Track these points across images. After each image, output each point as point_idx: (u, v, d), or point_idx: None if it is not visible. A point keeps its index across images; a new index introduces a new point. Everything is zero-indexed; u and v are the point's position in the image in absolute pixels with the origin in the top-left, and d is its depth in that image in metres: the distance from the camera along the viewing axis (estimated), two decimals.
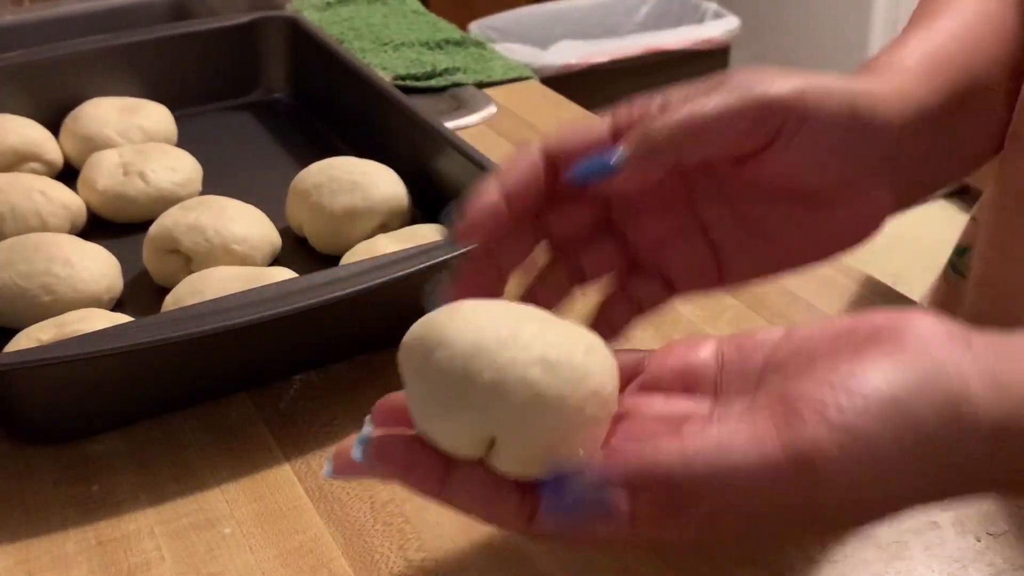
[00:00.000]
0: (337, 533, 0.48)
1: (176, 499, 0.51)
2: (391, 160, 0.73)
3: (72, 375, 0.52)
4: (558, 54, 2.11)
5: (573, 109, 0.91)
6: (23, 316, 0.60)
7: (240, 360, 0.57)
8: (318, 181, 0.69)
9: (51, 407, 0.54)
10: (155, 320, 0.55)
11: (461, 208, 0.43)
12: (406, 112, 0.74)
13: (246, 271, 0.61)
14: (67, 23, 0.97)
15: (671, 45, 2.18)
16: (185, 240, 0.65)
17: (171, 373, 0.55)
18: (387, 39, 1.03)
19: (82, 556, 0.48)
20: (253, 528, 0.49)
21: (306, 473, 0.52)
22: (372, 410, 0.40)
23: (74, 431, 0.54)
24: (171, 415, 0.56)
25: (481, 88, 0.94)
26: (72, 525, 0.49)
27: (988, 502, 0.49)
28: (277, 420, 0.56)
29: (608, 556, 0.47)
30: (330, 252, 0.68)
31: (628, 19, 2.46)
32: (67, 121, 0.80)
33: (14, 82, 0.81)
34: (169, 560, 0.47)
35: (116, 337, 0.52)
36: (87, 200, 0.73)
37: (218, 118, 0.88)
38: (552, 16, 2.41)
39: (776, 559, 0.46)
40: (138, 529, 0.49)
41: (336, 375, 0.59)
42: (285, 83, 0.91)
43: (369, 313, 0.59)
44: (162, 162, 0.74)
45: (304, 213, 0.69)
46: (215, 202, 0.68)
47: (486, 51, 1.02)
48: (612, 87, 2.13)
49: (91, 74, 0.84)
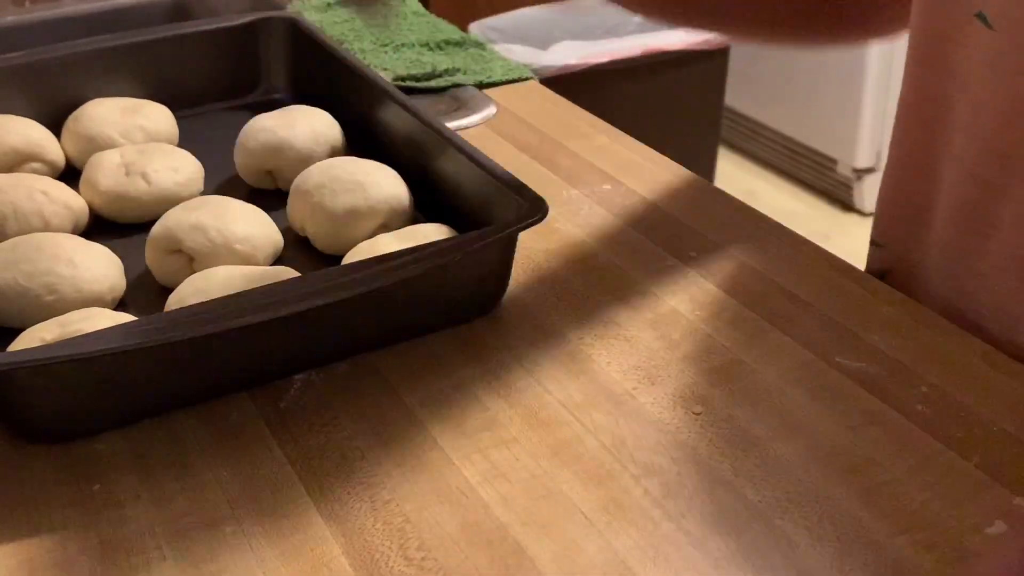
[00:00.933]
0: (337, 532, 0.49)
1: (177, 498, 0.51)
2: (392, 160, 0.73)
3: (75, 375, 0.53)
4: (558, 55, 2.11)
5: (572, 109, 0.92)
6: (26, 316, 0.60)
7: (241, 359, 0.57)
8: (320, 181, 0.69)
9: (53, 406, 0.54)
10: (158, 320, 0.55)
11: None
12: (407, 112, 0.75)
13: (248, 271, 0.61)
14: (68, 24, 0.97)
15: (671, 46, 2.18)
16: (188, 240, 0.65)
17: (173, 373, 0.56)
18: (387, 40, 1.03)
19: (83, 556, 0.48)
20: (254, 527, 0.49)
21: (306, 472, 0.52)
22: None
23: (76, 431, 0.55)
24: (172, 415, 0.56)
25: (481, 89, 0.95)
26: (73, 524, 0.49)
27: (986, 499, 0.49)
28: (278, 419, 0.56)
29: (607, 556, 0.47)
30: (332, 252, 0.69)
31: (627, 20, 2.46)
32: (69, 121, 0.81)
33: (16, 83, 0.81)
34: (170, 559, 0.47)
35: (119, 337, 0.52)
36: (89, 200, 0.73)
37: (219, 118, 0.88)
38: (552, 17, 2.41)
39: (773, 559, 0.47)
40: (139, 529, 0.49)
41: (336, 375, 0.59)
42: (286, 84, 0.91)
43: (370, 312, 0.59)
44: (164, 162, 0.74)
45: (306, 213, 0.69)
46: (217, 202, 0.69)
47: (486, 52, 1.02)
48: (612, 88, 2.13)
49: (92, 75, 0.84)
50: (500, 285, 0.64)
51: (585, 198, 0.77)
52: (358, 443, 0.54)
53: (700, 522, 0.49)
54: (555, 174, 0.80)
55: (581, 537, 0.48)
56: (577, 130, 0.87)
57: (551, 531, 0.49)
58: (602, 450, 0.53)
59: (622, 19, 2.45)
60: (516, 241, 0.63)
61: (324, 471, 0.52)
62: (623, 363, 0.59)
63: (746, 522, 0.49)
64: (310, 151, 0.76)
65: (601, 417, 0.55)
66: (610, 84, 2.12)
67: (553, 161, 0.82)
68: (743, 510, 0.49)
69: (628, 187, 0.78)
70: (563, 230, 0.73)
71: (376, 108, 0.79)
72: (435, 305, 0.62)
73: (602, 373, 0.59)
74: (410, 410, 0.56)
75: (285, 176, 0.76)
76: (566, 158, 0.82)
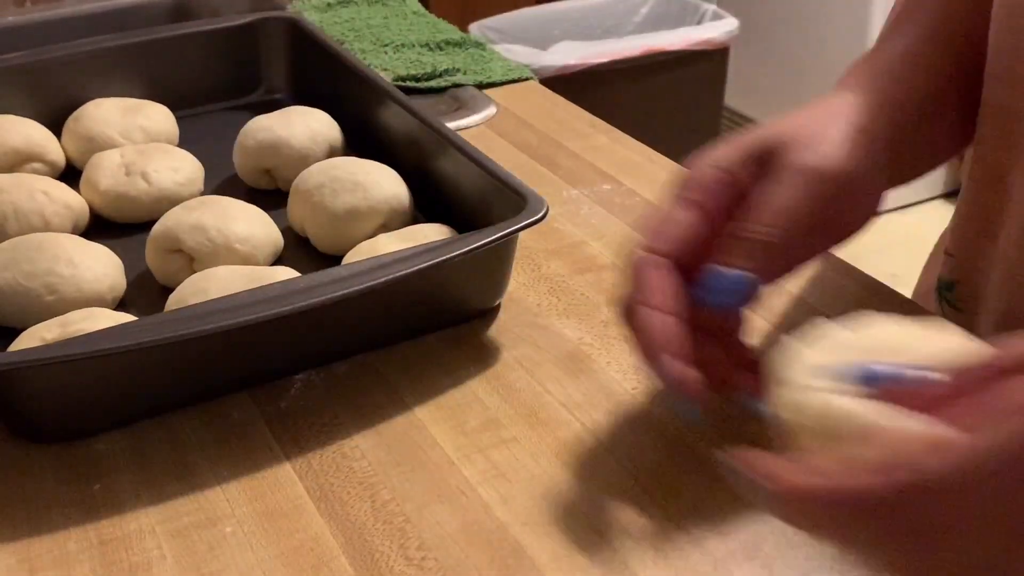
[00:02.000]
0: (337, 532, 0.49)
1: (177, 498, 0.51)
2: (392, 160, 0.73)
3: (75, 374, 0.53)
4: (557, 55, 2.11)
5: (572, 110, 0.92)
6: (27, 316, 0.60)
7: (242, 359, 0.57)
8: (320, 181, 0.69)
9: (54, 406, 0.54)
10: (158, 319, 0.55)
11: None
12: (407, 112, 0.75)
13: (249, 271, 0.61)
14: (69, 24, 0.97)
15: (670, 46, 2.18)
16: (188, 240, 0.65)
17: (173, 372, 0.56)
18: (387, 40, 1.03)
19: (84, 555, 0.48)
20: (254, 527, 0.49)
21: (307, 472, 0.52)
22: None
23: (76, 430, 0.55)
24: (172, 414, 0.56)
25: (481, 89, 0.95)
26: (74, 524, 0.50)
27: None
28: (278, 419, 0.56)
29: (606, 553, 0.47)
30: (332, 252, 0.69)
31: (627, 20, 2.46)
32: (69, 122, 0.81)
33: (16, 83, 0.81)
34: (170, 559, 0.48)
35: (120, 336, 0.52)
36: (89, 200, 0.73)
37: (219, 118, 0.88)
38: (551, 17, 2.41)
39: (775, 559, 0.47)
40: (139, 528, 0.49)
41: (336, 375, 0.59)
42: (286, 84, 0.91)
43: (370, 312, 0.59)
44: (164, 162, 0.74)
45: (306, 213, 0.70)
46: (217, 202, 0.69)
47: (486, 52, 1.02)
48: (611, 88, 2.13)
49: (93, 75, 0.84)
50: (500, 285, 0.64)
51: (585, 198, 0.77)
52: (358, 443, 0.54)
53: (700, 522, 0.49)
54: (555, 174, 0.80)
55: (581, 537, 0.48)
56: (577, 130, 0.87)
57: (551, 531, 0.49)
58: (602, 450, 0.53)
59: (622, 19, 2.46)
60: (516, 241, 0.63)
61: (324, 471, 0.52)
62: (623, 363, 0.59)
63: (746, 522, 0.49)
64: (308, 150, 0.77)
65: (601, 417, 0.55)
66: (610, 84, 2.12)
67: (553, 161, 0.82)
68: (743, 510, 0.49)
69: (628, 187, 0.78)
70: (563, 230, 0.73)
71: (376, 108, 0.79)
72: (435, 305, 0.62)
73: (602, 373, 0.59)
74: (410, 410, 0.56)
75: (283, 175, 0.76)
76: (566, 158, 0.82)
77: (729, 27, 2.25)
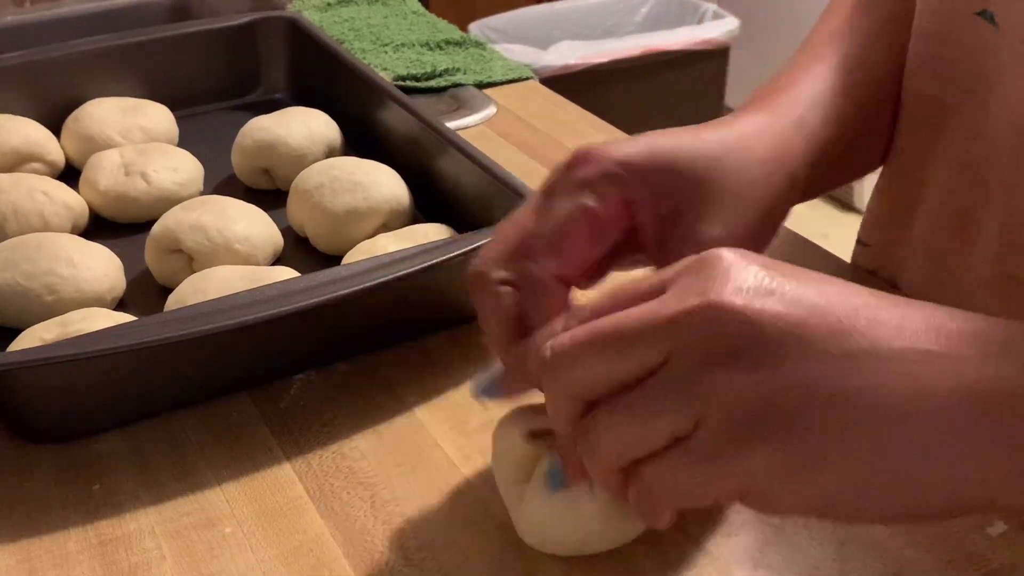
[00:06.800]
0: (337, 533, 0.49)
1: (177, 498, 0.51)
2: (392, 160, 0.73)
3: (75, 374, 0.53)
4: (558, 55, 2.11)
5: (572, 110, 0.92)
6: (26, 316, 0.60)
7: (241, 359, 0.57)
8: (319, 181, 0.69)
9: (53, 406, 0.54)
10: (158, 320, 0.55)
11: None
12: (407, 112, 0.75)
13: (248, 271, 0.61)
14: (68, 24, 0.97)
15: (670, 46, 2.18)
16: (187, 240, 0.65)
17: (173, 372, 0.56)
18: (387, 40, 1.03)
19: (83, 555, 0.48)
20: (254, 527, 0.49)
21: (306, 472, 0.52)
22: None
23: (76, 430, 0.55)
24: (172, 415, 0.56)
25: (481, 88, 0.95)
26: (73, 524, 0.50)
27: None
28: (277, 419, 0.56)
29: (608, 555, 0.47)
30: (332, 252, 0.69)
31: (627, 20, 2.46)
32: (68, 121, 0.81)
33: (16, 82, 0.81)
34: (170, 559, 0.47)
35: (119, 337, 0.52)
36: (89, 200, 0.73)
37: (219, 118, 0.88)
38: (552, 17, 2.41)
39: (774, 560, 0.47)
40: (139, 528, 0.49)
41: (336, 375, 0.59)
42: (285, 83, 0.91)
43: (370, 312, 0.59)
44: (163, 162, 0.74)
45: (306, 213, 0.69)
46: (217, 202, 0.69)
47: (486, 52, 1.02)
48: (611, 87, 2.13)
49: (92, 74, 0.84)
50: None
51: None
52: (358, 443, 0.54)
53: (700, 522, 0.49)
54: None
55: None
56: (577, 130, 0.87)
57: None
58: None
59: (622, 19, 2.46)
60: None
61: (324, 471, 0.52)
62: None
63: (746, 522, 0.48)
64: (305, 149, 0.76)
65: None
66: (610, 84, 2.12)
67: (553, 161, 0.81)
68: (743, 510, 0.49)
69: None
70: None
71: (376, 108, 0.79)
72: (435, 305, 0.62)
73: None
74: (410, 410, 0.56)
75: (281, 175, 0.76)
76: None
77: (729, 27, 2.26)
